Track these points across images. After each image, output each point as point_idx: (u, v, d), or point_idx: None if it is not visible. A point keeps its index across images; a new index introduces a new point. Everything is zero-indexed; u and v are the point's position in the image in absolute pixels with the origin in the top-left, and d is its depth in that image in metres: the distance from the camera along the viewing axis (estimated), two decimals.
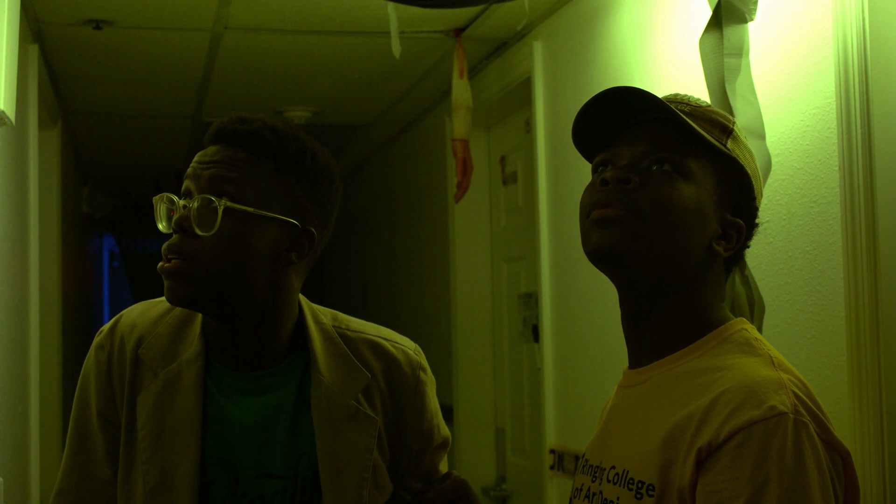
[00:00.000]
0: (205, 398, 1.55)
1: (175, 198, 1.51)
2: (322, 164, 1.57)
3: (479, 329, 4.33)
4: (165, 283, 1.50)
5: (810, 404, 1.22)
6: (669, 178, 1.33)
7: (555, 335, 3.39)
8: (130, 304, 1.73)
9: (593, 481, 1.37)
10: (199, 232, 1.47)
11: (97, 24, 3.37)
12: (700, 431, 1.22)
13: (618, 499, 1.30)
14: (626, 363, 3.05)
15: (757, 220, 1.42)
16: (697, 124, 1.35)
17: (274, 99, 4.62)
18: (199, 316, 1.60)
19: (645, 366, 1.38)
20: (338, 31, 3.58)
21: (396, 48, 3.19)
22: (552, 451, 3.35)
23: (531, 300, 3.84)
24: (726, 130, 1.38)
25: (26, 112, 3.28)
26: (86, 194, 6.45)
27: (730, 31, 2.07)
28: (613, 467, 1.33)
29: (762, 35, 2.19)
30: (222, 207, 1.47)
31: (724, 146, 1.37)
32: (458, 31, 3.59)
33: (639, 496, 1.26)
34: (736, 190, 1.38)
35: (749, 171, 1.39)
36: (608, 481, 1.33)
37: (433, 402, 1.69)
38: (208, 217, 1.47)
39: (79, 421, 1.60)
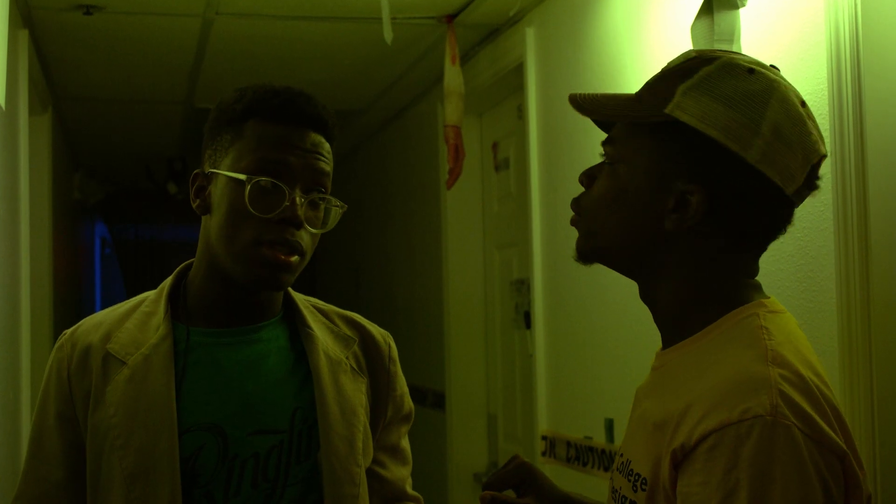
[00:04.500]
0: (182, 373, 1.56)
1: (291, 191, 1.52)
2: None
3: (471, 316, 4.33)
4: (270, 271, 1.52)
5: (802, 403, 1.14)
6: (605, 170, 1.34)
7: (547, 322, 3.39)
8: (123, 291, 1.74)
9: (617, 470, 1.37)
10: (315, 229, 1.56)
11: (87, 10, 3.35)
12: (677, 431, 1.18)
13: (620, 488, 1.29)
14: (617, 349, 3.05)
15: (768, 173, 1.23)
16: (648, 93, 1.30)
17: None
18: (164, 304, 1.60)
19: (665, 349, 1.35)
20: (329, 16, 3.57)
21: (388, 34, 3.18)
22: (544, 438, 3.35)
23: (523, 287, 3.84)
24: (672, 90, 1.26)
25: (16, 98, 3.27)
26: (77, 181, 6.43)
27: (721, 17, 2.08)
28: (622, 455, 1.33)
29: (754, 21, 2.19)
30: (343, 208, 1.57)
31: (661, 110, 1.26)
32: (450, 17, 3.58)
33: (635, 489, 1.25)
34: (686, 151, 1.25)
35: (705, 124, 1.23)
36: (617, 470, 1.33)
37: (401, 372, 1.75)
38: (325, 215, 1.57)
39: (36, 424, 1.60)
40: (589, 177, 1.36)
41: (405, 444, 1.76)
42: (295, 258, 1.52)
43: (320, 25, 3.69)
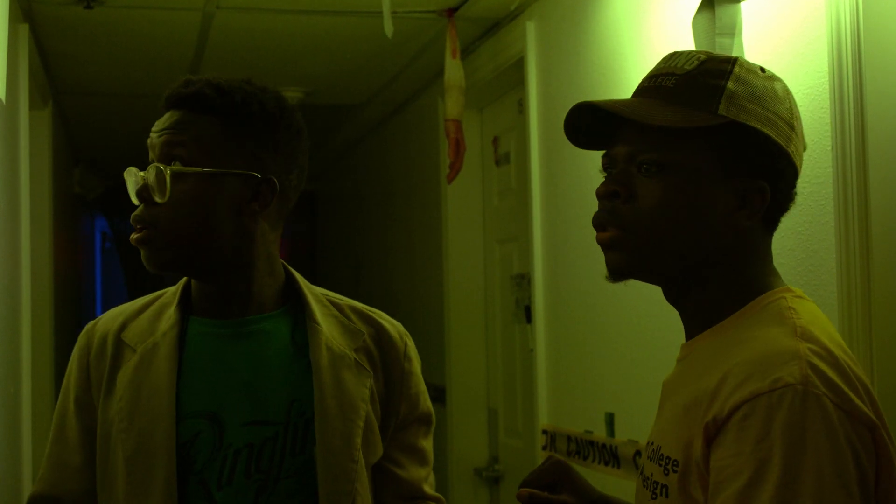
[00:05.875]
0: (185, 360, 1.59)
1: (135, 170, 1.56)
2: (273, 111, 1.61)
3: (472, 310, 4.33)
4: (140, 252, 1.55)
5: (831, 374, 1.16)
6: (655, 179, 1.30)
7: (547, 316, 3.39)
8: (123, 287, 1.78)
9: (648, 459, 1.37)
10: (156, 199, 1.53)
11: (88, 3, 3.35)
12: (710, 406, 1.20)
13: (652, 475, 1.30)
14: (618, 344, 3.05)
15: (794, 165, 1.32)
16: (682, 99, 1.30)
17: (266, 79, 4.51)
18: (177, 296, 1.64)
19: (692, 339, 1.35)
20: (330, 10, 3.57)
21: (389, 28, 3.17)
22: (544, 432, 3.36)
23: (524, 281, 3.84)
24: (717, 91, 1.29)
25: (17, 92, 3.26)
26: (77, 175, 6.42)
27: (722, 11, 2.07)
28: (652, 443, 1.33)
29: (755, 14, 2.18)
30: (168, 173, 1.52)
31: (716, 112, 1.28)
32: (451, 11, 3.57)
33: (666, 472, 1.25)
34: (747, 150, 1.29)
35: (759, 123, 1.29)
36: (648, 458, 1.33)
37: (419, 371, 1.73)
38: (161, 184, 1.53)
39: (59, 409, 1.66)
40: (625, 187, 1.31)
41: (425, 444, 1.73)
42: (142, 233, 1.54)
43: (321, 20, 3.69)
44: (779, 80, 1.35)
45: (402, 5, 3.41)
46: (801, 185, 2.03)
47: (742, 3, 2.13)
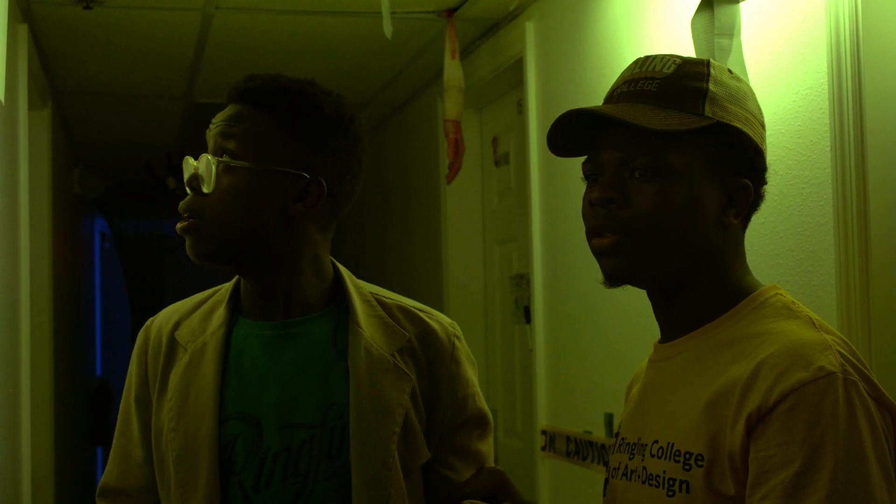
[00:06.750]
0: (230, 361, 1.60)
1: (191, 158, 1.57)
2: (330, 115, 1.59)
3: (471, 310, 4.33)
4: (185, 240, 1.56)
5: (856, 363, 1.21)
6: (652, 183, 1.30)
7: (547, 316, 3.39)
8: (122, 287, 1.78)
9: (631, 458, 1.36)
10: (203, 190, 1.54)
11: (87, 4, 3.35)
12: (747, 397, 1.20)
13: (664, 472, 1.28)
14: (617, 344, 3.04)
15: (766, 164, 1.36)
16: (668, 102, 1.31)
17: None
18: (230, 291, 1.66)
19: (678, 338, 1.35)
20: (329, 11, 3.57)
21: (388, 28, 3.18)
22: (544, 432, 3.36)
23: (523, 281, 3.84)
24: (701, 93, 1.31)
25: (16, 92, 3.27)
26: (77, 175, 6.43)
27: (721, 11, 2.08)
28: (656, 441, 1.32)
29: (754, 15, 2.18)
30: (215, 165, 1.53)
31: (702, 114, 1.30)
32: (450, 12, 3.58)
33: (687, 467, 1.25)
34: (731, 150, 1.32)
35: (739, 123, 1.31)
36: (651, 456, 1.32)
37: (469, 373, 1.70)
38: (208, 175, 1.53)
39: (123, 404, 1.69)
40: (621, 192, 1.32)
41: (480, 447, 1.70)
42: (188, 222, 1.55)
43: (320, 20, 3.69)
44: (743, 80, 1.38)
45: (401, 6, 3.41)
46: (801, 185, 2.04)
47: (741, 4, 2.13)
